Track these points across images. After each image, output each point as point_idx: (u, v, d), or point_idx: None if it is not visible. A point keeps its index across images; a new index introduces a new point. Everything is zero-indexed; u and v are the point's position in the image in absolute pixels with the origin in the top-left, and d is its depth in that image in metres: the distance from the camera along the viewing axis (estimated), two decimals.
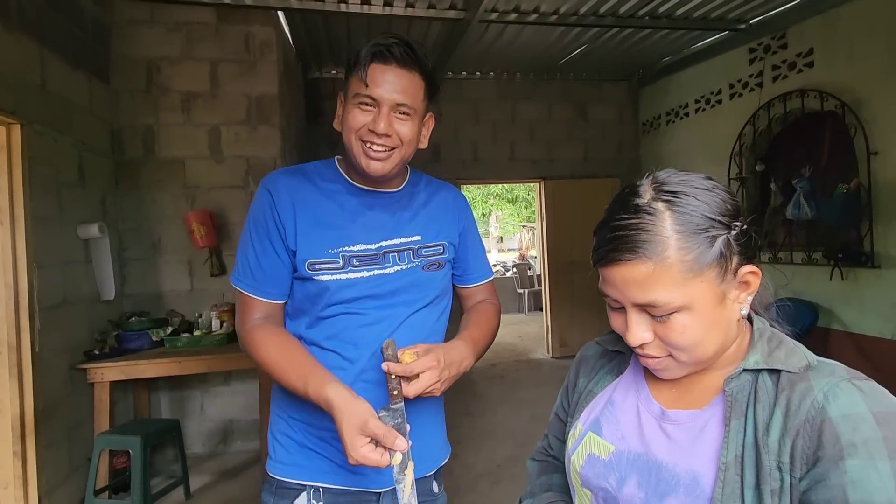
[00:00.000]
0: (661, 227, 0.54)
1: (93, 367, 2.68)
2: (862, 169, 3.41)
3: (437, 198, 1.07)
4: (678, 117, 5.15)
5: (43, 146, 2.49)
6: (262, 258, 0.95)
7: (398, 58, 0.90)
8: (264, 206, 0.96)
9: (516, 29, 4.15)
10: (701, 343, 0.56)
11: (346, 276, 0.94)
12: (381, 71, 0.90)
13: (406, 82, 0.91)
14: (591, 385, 0.72)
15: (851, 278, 3.53)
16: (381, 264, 0.96)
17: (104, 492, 2.62)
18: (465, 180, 5.50)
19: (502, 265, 12.83)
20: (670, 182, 0.57)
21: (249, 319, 0.96)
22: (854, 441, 0.48)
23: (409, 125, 0.94)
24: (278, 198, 0.96)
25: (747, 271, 0.57)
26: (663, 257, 0.53)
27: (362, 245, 0.96)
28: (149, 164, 3.31)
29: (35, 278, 2.36)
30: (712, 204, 0.56)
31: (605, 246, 0.57)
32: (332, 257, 0.94)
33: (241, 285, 0.97)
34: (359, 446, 0.77)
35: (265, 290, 0.96)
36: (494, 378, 5.03)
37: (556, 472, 0.79)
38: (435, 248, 1.03)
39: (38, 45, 2.48)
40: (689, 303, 0.54)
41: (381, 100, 0.90)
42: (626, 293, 0.56)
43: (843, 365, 0.56)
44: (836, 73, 3.57)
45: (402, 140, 0.93)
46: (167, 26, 3.33)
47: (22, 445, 2.30)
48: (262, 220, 0.96)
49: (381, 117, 0.90)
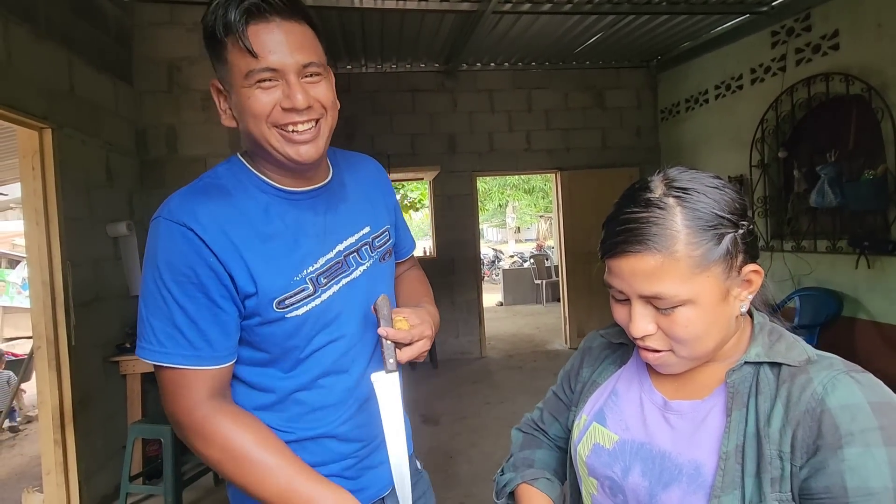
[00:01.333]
0: (672, 221, 0.56)
1: (125, 360, 2.80)
2: (889, 154, 3.30)
3: (361, 175, 0.93)
4: (698, 104, 5.05)
5: (73, 149, 2.59)
6: (198, 320, 0.72)
7: (278, 8, 0.70)
8: (186, 252, 0.72)
9: (530, 18, 4.11)
10: (702, 338, 0.58)
11: (320, 299, 0.79)
12: (265, 31, 0.70)
13: (300, 36, 0.72)
14: (595, 376, 0.74)
15: (878, 267, 3.44)
16: (346, 271, 0.83)
17: (138, 478, 2.75)
18: (481, 172, 5.50)
19: (519, 256, 12.81)
20: (681, 179, 0.59)
21: (197, 402, 0.72)
22: (852, 430, 0.50)
23: (325, 86, 0.75)
24: (207, 235, 0.72)
25: (751, 270, 0.59)
26: (672, 251, 0.55)
27: (322, 258, 0.81)
28: (172, 163, 3.40)
29: (69, 276, 2.47)
30: (721, 202, 0.57)
31: (614, 237, 0.58)
32: (300, 285, 0.77)
33: (174, 359, 0.72)
34: None
35: (213, 355, 0.73)
36: (513, 368, 5.06)
37: (540, 448, 0.81)
38: (383, 236, 0.92)
39: (67, 51, 2.57)
40: (694, 297, 0.56)
41: (282, 67, 0.71)
42: (632, 285, 0.58)
43: (841, 358, 0.58)
44: (863, 55, 3.45)
45: (326, 106, 0.76)
46: (186, 27, 3.40)
47: (62, 434, 2.42)
48: (185, 271, 0.72)
49: (294, 88, 0.71)
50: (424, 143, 5.31)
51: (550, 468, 0.78)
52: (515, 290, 9.41)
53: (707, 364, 0.63)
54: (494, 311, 8.66)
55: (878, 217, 3.44)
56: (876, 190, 3.29)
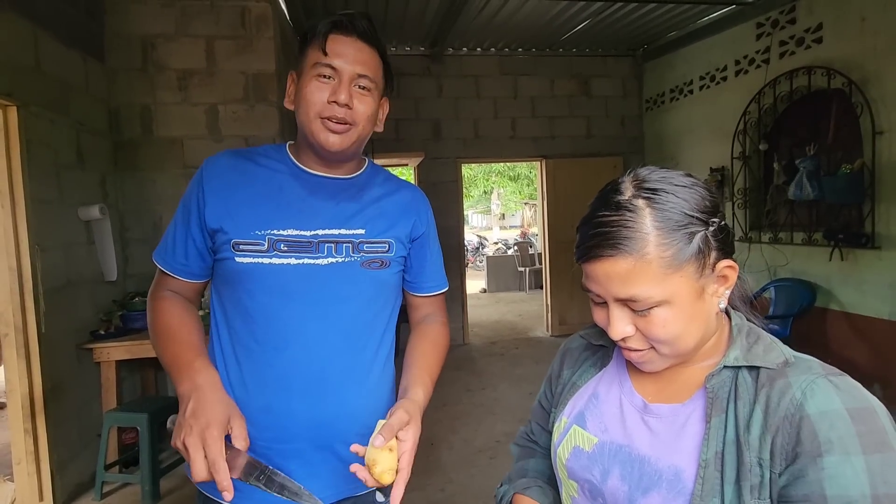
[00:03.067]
0: (641, 223, 0.55)
1: (99, 347, 2.73)
2: (867, 149, 3.37)
3: (393, 195, 0.99)
4: (682, 94, 5.07)
5: (40, 128, 2.48)
6: (178, 235, 0.92)
7: (360, 30, 0.87)
8: (193, 184, 0.93)
9: (518, 3, 4.05)
10: (681, 336, 0.58)
11: (270, 260, 0.87)
12: (341, 41, 0.86)
13: (367, 56, 0.88)
14: (575, 378, 0.74)
15: (851, 259, 3.53)
16: (312, 253, 0.89)
17: (114, 466, 2.71)
18: (465, 159, 5.46)
19: (503, 243, 12.86)
20: (651, 179, 0.58)
21: (160, 290, 0.93)
22: (831, 438, 0.50)
23: (367, 101, 0.89)
24: (209, 176, 0.91)
25: (725, 266, 0.59)
26: (643, 253, 0.55)
27: (294, 230, 0.89)
28: (147, 144, 3.29)
29: (38, 260, 2.39)
30: (691, 201, 0.57)
31: (587, 242, 0.58)
32: (257, 238, 0.87)
33: (158, 259, 0.93)
34: (193, 435, 0.70)
35: (174, 266, 0.92)
36: (494, 355, 5.10)
37: (533, 457, 0.82)
38: (379, 245, 0.94)
39: (31, 25, 2.44)
40: (668, 297, 0.56)
41: (341, 69, 0.86)
42: (607, 288, 0.58)
43: (819, 360, 0.58)
44: (846, 49, 3.49)
45: (360, 117, 0.89)
46: (161, 2, 3.26)
47: (32, 423, 2.36)
48: (187, 197, 0.93)
49: (342, 87, 0.86)
50: (409, 128, 5.24)
51: (544, 476, 0.78)
52: (499, 277, 9.46)
53: (686, 366, 0.63)
54: (478, 298, 8.69)
55: (854, 210, 3.52)
56: (852, 184, 3.36)
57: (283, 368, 0.87)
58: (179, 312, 0.89)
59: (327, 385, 0.88)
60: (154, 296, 0.93)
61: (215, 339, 0.94)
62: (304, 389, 0.87)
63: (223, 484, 0.68)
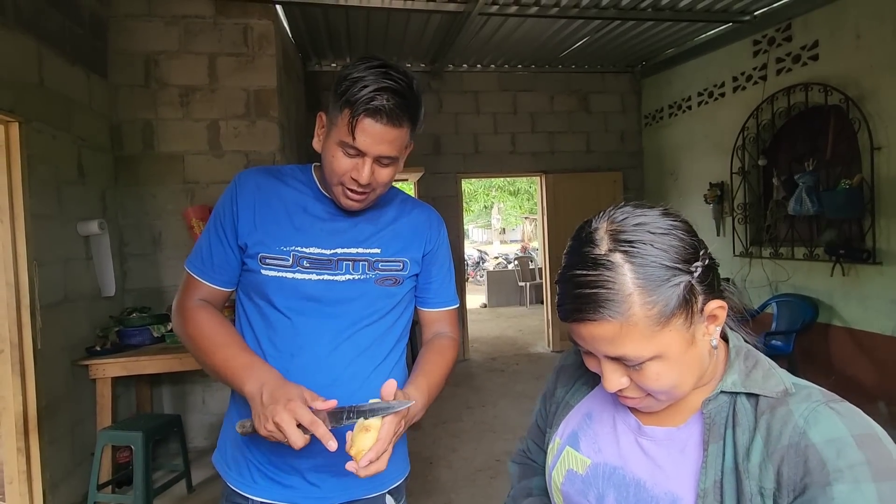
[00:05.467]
0: (622, 283, 0.53)
1: (94, 364, 2.70)
2: (865, 164, 3.38)
3: (408, 217, 1.06)
4: (681, 110, 5.10)
5: (42, 143, 2.49)
6: (213, 246, 0.98)
7: (389, 114, 0.87)
8: (226, 198, 0.99)
9: (517, 21, 4.10)
10: (677, 385, 0.57)
11: (294, 275, 0.94)
12: (370, 126, 0.87)
13: (392, 137, 0.90)
14: (569, 397, 0.73)
15: (853, 274, 3.51)
16: (331, 270, 0.96)
17: (107, 486, 2.65)
18: (465, 173, 5.48)
19: (504, 257, 12.85)
20: (626, 228, 0.56)
21: (191, 298, 0.98)
22: (840, 466, 0.49)
23: (389, 171, 0.94)
24: (242, 191, 0.98)
25: (715, 307, 0.57)
26: (628, 315, 0.53)
27: (317, 248, 0.96)
28: (148, 160, 3.30)
29: (36, 276, 2.38)
30: (671, 251, 0.55)
31: (568, 304, 0.56)
32: (282, 254, 0.95)
33: (191, 267, 0.99)
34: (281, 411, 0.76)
35: (211, 275, 0.98)
36: (494, 371, 5.05)
37: (536, 476, 0.80)
38: (394, 264, 1.00)
39: (36, 42, 2.47)
40: (659, 352, 0.55)
41: (366, 151, 0.89)
42: (596, 347, 0.57)
43: (818, 387, 0.57)
44: (842, 66, 3.52)
45: (381, 183, 0.94)
46: (165, 20, 3.31)
47: (25, 442, 2.33)
48: (220, 211, 0.99)
49: (364, 167, 0.90)
50: None
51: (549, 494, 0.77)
52: (499, 292, 9.42)
53: None
54: (478, 313, 8.65)
55: (854, 226, 3.52)
56: (852, 199, 3.36)
57: (296, 375, 0.91)
58: (219, 320, 0.95)
59: (338, 392, 0.91)
60: (185, 305, 0.97)
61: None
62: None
63: (326, 436, 0.75)
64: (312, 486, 0.95)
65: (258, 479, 0.96)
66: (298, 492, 0.95)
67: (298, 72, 4.62)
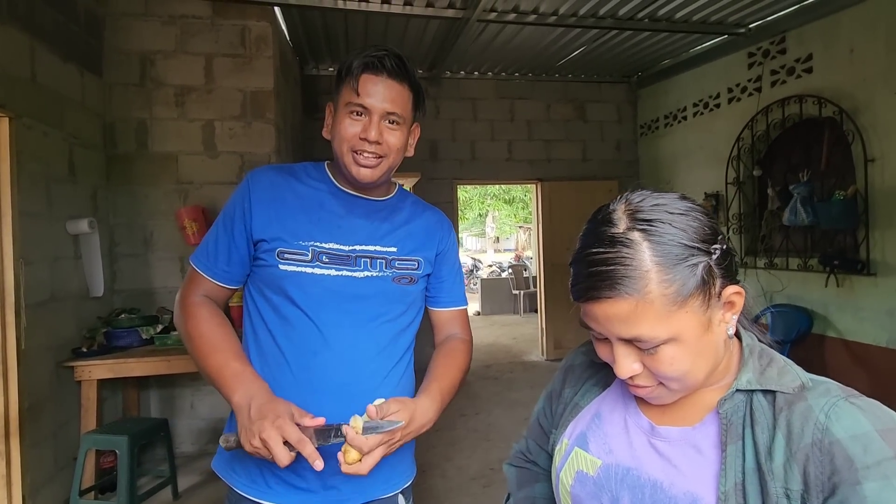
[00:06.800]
0: (640, 260, 0.52)
1: (80, 365, 2.64)
2: (859, 175, 3.40)
3: (420, 218, 1.08)
4: (676, 120, 5.14)
5: (32, 140, 2.45)
6: (220, 241, 0.97)
7: (389, 69, 0.92)
8: (238, 195, 0.98)
9: (515, 28, 4.12)
10: (691, 371, 0.55)
11: (313, 270, 0.93)
12: (372, 81, 0.92)
13: (396, 93, 0.93)
14: (578, 398, 0.71)
15: (847, 285, 3.52)
16: (351, 267, 0.96)
17: (90, 492, 2.58)
18: (462, 180, 5.47)
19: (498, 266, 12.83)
20: (644, 208, 0.55)
21: (194, 293, 0.96)
22: (867, 463, 0.47)
23: (397, 134, 0.95)
24: (256, 187, 0.97)
25: (732, 292, 0.56)
26: (645, 293, 0.51)
27: (335, 244, 0.96)
28: (141, 159, 3.26)
29: (22, 274, 2.32)
30: (689, 230, 0.54)
31: (583, 282, 0.55)
32: (301, 249, 0.94)
33: (196, 262, 0.98)
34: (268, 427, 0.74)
35: (216, 271, 0.97)
36: (489, 379, 5.01)
37: (538, 482, 0.78)
38: (409, 263, 1.02)
39: (29, 37, 2.43)
40: (675, 334, 0.53)
41: (371, 108, 0.92)
42: (609, 329, 0.55)
43: (836, 382, 0.55)
44: (836, 79, 3.56)
45: (391, 149, 0.95)
46: (162, 19, 3.28)
47: (6, 445, 2.25)
48: (231, 207, 0.98)
49: (372, 125, 0.92)
50: None
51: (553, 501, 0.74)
52: (493, 300, 9.39)
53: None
54: (472, 321, 8.56)
55: (849, 236, 3.53)
56: (846, 210, 3.38)
57: (317, 371, 0.92)
58: (218, 321, 0.93)
59: (358, 388, 0.93)
60: (188, 300, 0.96)
61: (251, 341, 0.98)
62: (337, 392, 0.92)
63: (313, 456, 0.74)
64: (331, 488, 0.93)
65: (273, 483, 0.93)
66: (316, 495, 0.93)
67: (296, 75, 4.61)
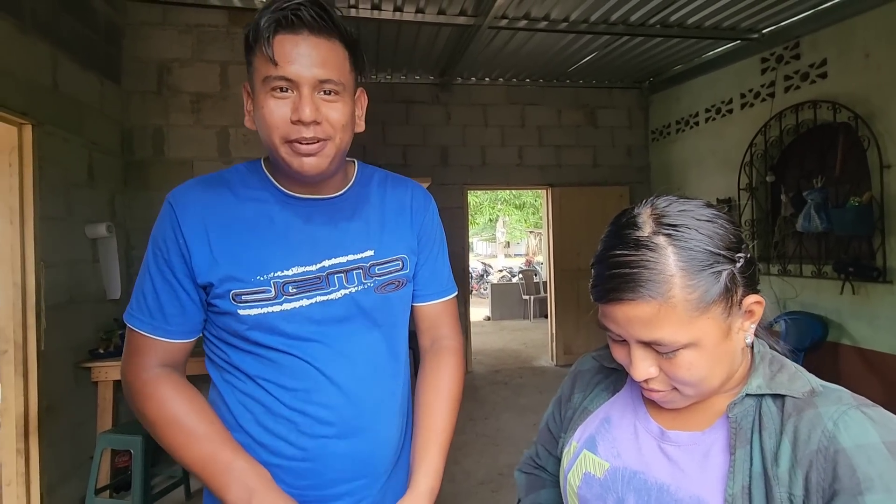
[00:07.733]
0: (665, 264, 0.52)
1: (97, 366, 2.70)
2: (875, 182, 3.36)
3: (390, 198, 0.88)
4: (688, 126, 5.11)
5: (53, 146, 2.52)
6: (161, 292, 0.77)
7: (310, 23, 0.70)
8: (165, 227, 0.77)
9: (526, 35, 4.14)
10: (707, 378, 0.56)
11: (282, 307, 0.76)
12: (290, 42, 0.70)
13: (325, 52, 0.72)
14: (587, 402, 0.71)
15: (862, 293, 3.47)
16: (324, 289, 0.78)
17: (105, 491, 2.63)
18: (472, 185, 5.49)
19: (508, 271, 12.82)
20: (670, 213, 0.55)
21: (146, 366, 0.76)
22: (870, 474, 0.47)
23: (339, 107, 0.74)
24: (184, 216, 0.76)
25: (752, 301, 0.56)
26: (668, 296, 0.52)
27: (299, 267, 0.77)
28: (158, 165, 3.33)
29: (42, 277, 2.38)
30: (715, 237, 0.54)
31: (605, 283, 0.55)
32: (261, 285, 0.75)
33: (136, 323, 0.77)
34: None
35: (167, 329, 0.77)
36: (498, 384, 5.00)
37: (545, 488, 0.78)
38: (392, 265, 0.84)
39: (51, 47, 2.51)
40: (695, 340, 0.53)
41: (298, 79, 0.71)
42: (629, 331, 0.55)
43: (849, 391, 0.55)
44: (850, 84, 3.52)
45: (335, 127, 0.74)
46: (179, 28, 3.36)
47: (25, 443, 2.31)
48: (161, 245, 0.77)
49: (304, 101, 0.71)
50: (416, 154, 5.29)
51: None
52: (503, 305, 9.37)
53: None
54: (482, 326, 8.60)
55: (864, 243, 3.48)
56: (861, 217, 3.33)
57: (317, 412, 0.79)
58: (187, 397, 0.75)
59: (361, 420, 0.81)
60: (140, 377, 0.76)
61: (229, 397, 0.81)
62: (341, 429, 0.80)
63: None
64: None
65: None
66: None
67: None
